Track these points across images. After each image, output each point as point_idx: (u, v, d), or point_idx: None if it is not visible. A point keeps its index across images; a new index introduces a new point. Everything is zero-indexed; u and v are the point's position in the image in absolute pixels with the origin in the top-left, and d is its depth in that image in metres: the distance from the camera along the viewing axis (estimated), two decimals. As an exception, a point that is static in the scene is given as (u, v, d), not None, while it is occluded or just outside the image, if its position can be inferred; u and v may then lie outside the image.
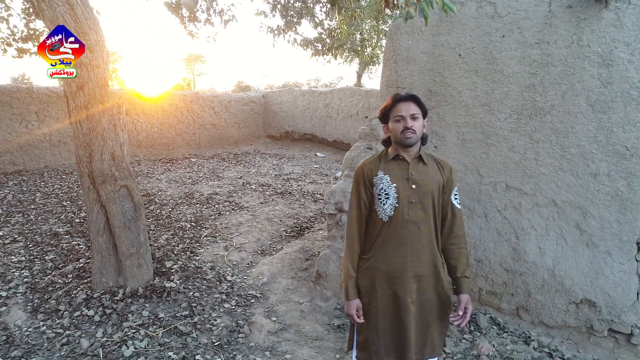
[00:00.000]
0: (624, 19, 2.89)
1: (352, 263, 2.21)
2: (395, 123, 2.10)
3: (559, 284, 3.38)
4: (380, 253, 2.15)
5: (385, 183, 2.11)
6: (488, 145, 3.62)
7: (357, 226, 2.21)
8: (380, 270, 2.15)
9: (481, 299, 3.85)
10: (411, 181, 2.10)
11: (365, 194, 2.18)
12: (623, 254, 3.09)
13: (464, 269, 2.19)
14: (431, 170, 2.14)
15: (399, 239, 2.11)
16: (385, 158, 2.18)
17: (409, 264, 2.11)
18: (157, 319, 3.43)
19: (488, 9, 3.49)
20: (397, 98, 2.13)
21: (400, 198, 2.09)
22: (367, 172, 2.18)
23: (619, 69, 2.94)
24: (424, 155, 2.15)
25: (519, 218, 3.53)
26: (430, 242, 2.14)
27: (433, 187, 2.11)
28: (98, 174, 3.71)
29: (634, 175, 2.97)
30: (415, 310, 2.14)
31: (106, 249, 3.82)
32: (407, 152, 2.14)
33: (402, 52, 4.06)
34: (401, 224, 2.10)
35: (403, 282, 2.11)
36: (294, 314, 3.60)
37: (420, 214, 2.10)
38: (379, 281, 2.15)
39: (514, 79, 3.41)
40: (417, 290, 2.14)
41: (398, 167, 2.13)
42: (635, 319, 3.09)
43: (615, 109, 2.98)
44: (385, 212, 2.11)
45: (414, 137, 2.07)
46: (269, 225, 5.68)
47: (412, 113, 2.08)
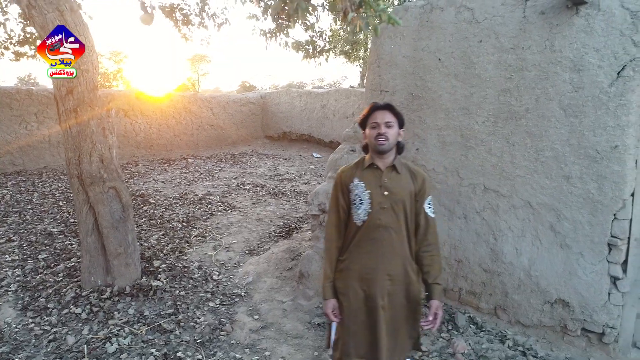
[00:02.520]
0: (593, 25, 2.96)
1: (330, 265, 2.32)
2: (371, 130, 2.21)
3: (534, 284, 3.46)
4: (355, 255, 2.26)
5: (360, 189, 2.22)
6: (467, 148, 3.69)
7: (335, 230, 2.33)
8: (354, 272, 2.25)
9: (461, 298, 3.93)
10: (384, 188, 2.20)
11: (343, 200, 2.30)
12: (595, 255, 3.16)
13: (436, 275, 2.27)
14: (404, 179, 2.24)
15: (372, 242, 2.22)
16: (362, 166, 2.29)
17: (381, 267, 2.21)
18: (142, 316, 3.52)
19: (466, 14, 3.57)
20: (374, 106, 2.25)
21: (373, 204, 2.19)
22: (345, 179, 2.30)
23: (589, 74, 3.01)
24: (397, 165, 2.25)
25: (497, 219, 3.60)
26: (402, 246, 2.24)
27: (404, 195, 2.22)
28: (87, 176, 3.80)
29: (604, 178, 3.03)
30: (386, 314, 2.23)
31: (95, 248, 3.92)
32: (382, 161, 2.24)
33: (385, 56, 4.14)
34: (374, 228, 2.21)
35: (375, 284, 2.21)
36: (276, 313, 3.68)
37: (392, 219, 2.20)
38: (352, 282, 2.25)
39: (491, 83, 3.49)
40: (388, 293, 2.23)
41: (372, 175, 2.24)
42: (606, 318, 3.16)
43: (586, 113, 3.05)
44: (360, 216, 2.22)
45: (386, 144, 2.17)
46: (258, 225, 5.77)
47: (387, 121, 2.18)
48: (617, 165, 2.97)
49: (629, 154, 2.94)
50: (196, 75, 44.12)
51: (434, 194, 3.95)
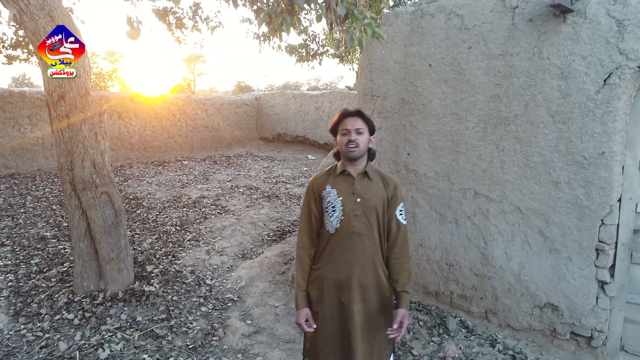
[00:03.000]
0: (580, 33, 2.99)
1: (302, 273, 2.30)
2: (342, 136, 2.21)
3: (524, 288, 3.49)
4: (328, 263, 2.25)
5: (333, 197, 2.21)
6: (457, 153, 3.73)
7: (307, 237, 2.31)
8: (328, 280, 2.24)
9: (452, 302, 3.96)
10: (356, 195, 2.20)
11: (315, 207, 2.28)
12: (583, 260, 3.19)
13: (404, 283, 2.27)
14: (376, 186, 2.24)
15: (345, 249, 2.21)
16: (333, 173, 2.28)
17: (355, 274, 2.20)
18: (135, 322, 3.53)
19: (456, 21, 3.60)
20: (344, 113, 2.24)
21: (345, 211, 2.19)
22: (317, 187, 2.28)
23: (576, 81, 3.04)
24: (369, 171, 2.25)
25: (487, 224, 3.64)
26: (374, 253, 2.24)
27: (377, 202, 2.21)
28: (79, 181, 3.81)
29: (591, 183, 3.07)
30: (361, 320, 2.23)
31: (87, 253, 3.93)
32: (354, 168, 2.24)
33: (377, 62, 4.17)
34: (347, 236, 2.20)
35: (349, 291, 2.21)
36: (268, 317, 3.70)
37: (365, 226, 2.20)
38: (326, 290, 2.24)
39: (480, 89, 3.52)
40: (362, 300, 2.23)
41: (344, 182, 2.23)
42: (594, 322, 3.20)
43: (573, 119, 3.09)
44: (332, 224, 2.21)
45: (357, 151, 2.17)
46: (252, 229, 5.78)
47: (357, 127, 2.17)
48: (604, 172, 3.01)
49: (615, 160, 2.98)
50: (192, 76, 44.01)
51: (426, 198, 3.99)
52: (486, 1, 3.42)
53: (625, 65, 2.85)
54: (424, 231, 4.05)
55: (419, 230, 4.08)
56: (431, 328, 3.66)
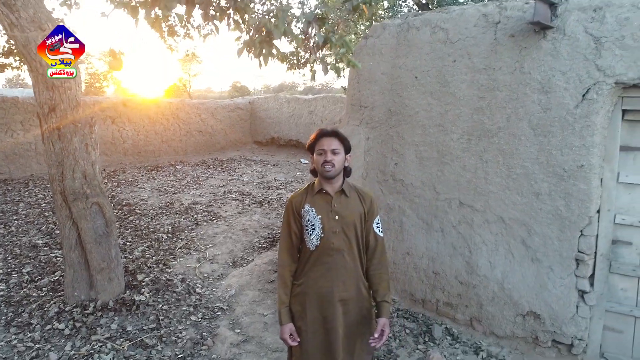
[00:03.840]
0: (560, 49, 3.07)
1: (284, 290, 2.36)
2: (318, 156, 2.27)
3: (507, 296, 3.56)
4: (310, 279, 2.32)
5: (312, 215, 2.28)
6: (443, 163, 3.80)
7: (288, 255, 2.38)
8: (310, 295, 2.31)
9: (438, 309, 4.03)
10: (334, 213, 2.28)
11: (295, 225, 2.34)
12: (563, 269, 3.27)
13: (384, 293, 2.34)
14: (352, 202, 2.32)
15: (326, 265, 2.29)
16: (311, 191, 2.35)
17: (335, 289, 2.28)
18: (125, 332, 3.58)
19: (441, 34, 3.67)
20: (321, 133, 2.31)
21: (325, 229, 2.26)
22: (296, 205, 2.35)
23: (556, 95, 3.12)
24: (346, 189, 2.32)
25: (472, 233, 3.71)
26: (354, 268, 2.33)
27: (355, 218, 2.30)
28: (70, 192, 3.85)
29: (571, 195, 3.15)
30: (342, 333, 2.31)
31: (78, 263, 3.97)
32: (331, 186, 2.31)
33: (365, 73, 4.24)
34: (327, 252, 2.28)
35: (330, 306, 2.29)
36: (257, 326, 3.76)
37: (344, 242, 2.28)
38: (308, 305, 2.31)
39: (464, 101, 3.59)
40: (344, 313, 2.31)
41: (322, 200, 2.30)
42: (575, 330, 3.28)
43: (554, 133, 3.17)
44: (312, 241, 2.29)
45: (333, 171, 2.23)
46: (243, 236, 5.83)
47: (333, 148, 2.24)
48: (583, 184, 3.09)
49: (594, 173, 3.06)
50: (187, 76, 43.86)
51: (413, 208, 4.05)
52: (470, 16, 3.50)
53: (602, 81, 2.93)
54: (411, 240, 4.12)
55: (406, 239, 4.15)
56: (417, 336, 3.73)
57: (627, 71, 2.84)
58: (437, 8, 15.50)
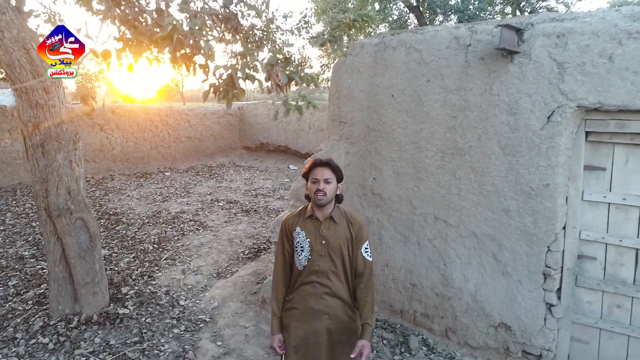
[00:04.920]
0: (526, 73, 3.20)
1: (277, 303, 2.58)
2: (312, 184, 2.46)
3: (480, 308, 3.69)
4: (298, 296, 2.51)
5: (302, 238, 2.48)
6: (419, 179, 3.92)
7: (282, 271, 2.58)
8: (297, 311, 2.50)
9: (416, 320, 4.15)
10: (322, 237, 2.46)
11: (287, 244, 2.55)
12: (532, 283, 3.40)
13: (367, 316, 2.48)
14: (340, 228, 2.49)
15: (312, 285, 2.48)
16: (303, 215, 2.54)
17: (321, 308, 2.45)
18: (108, 345, 3.66)
19: (415, 55, 3.79)
20: (315, 163, 2.50)
21: (312, 251, 2.45)
22: (289, 227, 2.55)
23: (523, 117, 3.25)
24: (335, 216, 2.50)
25: (446, 247, 3.83)
26: (340, 289, 2.49)
27: (341, 243, 2.47)
28: (54, 208, 3.93)
29: (538, 213, 3.28)
30: (327, 348, 2.47)
31: (63, 277, 4.04)
32: (321, 212, 2.49)
33: (344, 90, 4.35)
34: (313, 273, 2.47)
35: (315, 323, 2.46)
36: (238, 338, 3.85)
37: (329, 265, 2.46)
38: (295, 321, 2.50)
39: (438, 120, 3.71)
40: (328, 331, 2.47)
41: (312, 225, 2.49)
42: (543, 341, 3.41)
43: (521, 152, 3.30)
44: (301, 262, 2.48)
45: (324, 199, 2.41)
46: (228, 246, 5.92)
47: (326, 178, 2.43)
48: (549, 202, 3.22)
49: (559, 192, 3.19)
50: (180, 76, 43.65)
51: (391, 221, 4.17)
52: (442, 38, 3.62)
53: (565, 104, 3.06)
54: (389, 252, 4.23)
55: (384, 251, 4.27)
56: (394, 346, 3.84)
57: (588, 96, 2.97)
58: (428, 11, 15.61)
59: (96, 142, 10.77)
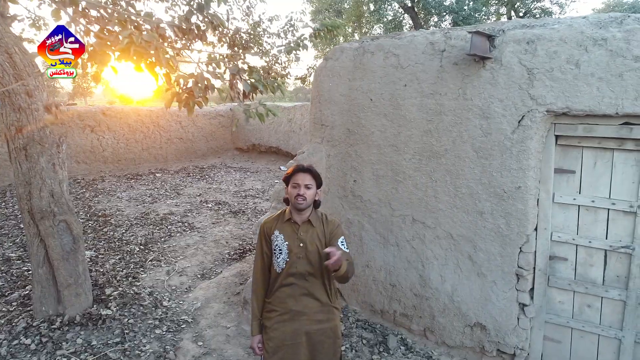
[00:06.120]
0: (497, 78, 3.27)
1: (257, 305, 2.66)
2: (292, 188, 2.54)
3: (456, 308, 3.76)
4: (277, 298, 2.59)
5: (280, 241, 2.55)
6: (397, 182, 3.99)
7: (261, 274, 2.66)
8: (276, 313, 2.57)
9: (395, 320, 4.22)
10: (299, 240, 2.53)
11: (266, 247, 2.63)
12: (505, 284, 3.47)
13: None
14: (318, 231, 2.58)
15: (290, 287, 2.55)
16: (282, 219, 2.62)
17: (300, 309, 2.53)
18: (90, 346, 3.70)
19: (393, 59, 3.86)
20: (297, 168, 2.58)
21: (290, 254, 2.52)
22: (267, 230, 2.63)
23: (495, 121, 3.32)
24: (313, 219, 2.58)
25: (424, 248, 3.90)
26: (318, 290, 2.57)
27: (318, 246, 2.54)
28: (37, 211, 3.97)
29: (510, 215, 3.35)
30: (306, 350, 2.54)
31: (46, 279, 4.08)
32: (300, 216, 2.57)
33: (325, 93, 4.41)
34: (291, 275, 2.54)
35: (294, 324, 2.53)
36: (219, 339, 3.91)
37: (307, 267, 2.53)
38: (274, 322, 2.57)
39: (415, 124, 3.78)
40: (306, 332, 2.54)
41: (290, 229, 2.57)
42: (516, 341, 3.48)
43: (494, 156, 3.37)
44: (279, 265, 2.55)
45: (304, 204, 2.50)
46: (214, 247, 5.97)
47: (307, 183, 2.52)
48: (521, 204, 3.30)
49: (530, 194, 3.26)
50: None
51: (371, 223, 4.23)
52: (419, 43, 3.69)
53: (535, 109, 3.13)
54: (370, 253, 4.30)
55: (365, 252, 4.33)
56: (373, 346, 3.90)
57: (556, 101, 3.05)
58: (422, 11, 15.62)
59: (87, 144, 10.79)
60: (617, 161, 3.07)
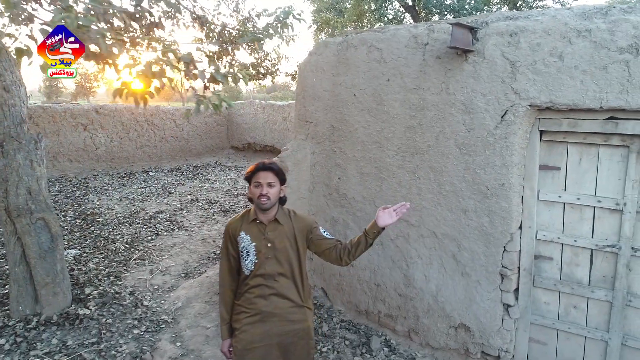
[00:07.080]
0: (480, 72, 3.18)
1: (225, 308, 2.56)
2: (255, 188, 2.41)
3: (441, 309, 3.67)
4: (246, 300, 2.48)
5: (247, 242, 2.43)
6: (381, 179, 3.89)
7: (228, 275, 2.55)
8: (246, 315, 2.47)
9: (380, 320, 4.13)
10: (267, 240, 2.42)
11: (232, 249, 2.51)
12: (490, 284, 3.38)
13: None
14: (286, 229, 2.47)
15: (260, 288, 2.45)
16: (247, 219, 2.49)
17: (270, 309, 2.43)
18: (65, 346, 3.62)
19: (376, 54, 3.77)
20: (258, 167, 2.45)
21: (259, 255, 2.42)
22: (232, 231, 2.50)
23: (478, 116, 3.23)
24: (280, 217, 2.47)
25: (408, 247, 3.81)
26: (289, 291, 2.47)
27: (287, 245, 2.45)
28: (13, 208, 3.88)
29: (494, 213, 3.26)
30: (277, 352, 2.45)
31: (23, 278, 4.00)
32: (265, 215, 2.45)
33: (309, 89, 4.33)
34: (261, 276, 2.44)
35: (264, 326, 2.43)
36: (198, 339, 3.82)
37: (277, 267, 2.43)
38: (243, 324, 2.46)
39: (398, 120, 3.69)
40: (279, 334, 2.45)
41: (257, 229, 2.45)
42: (501, 342, 3.38)
43: (477, 152, 3.27)
44: (247, 267, 2.45)
45: (268, 203, 2.38)
46: (201, 246, 5.89)
47: (269, 181, 2.39)
48: (505, 202, 3.20)
49: (514, 192, 3.17)
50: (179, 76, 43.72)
51: (355, 221, 4.14)
52: (401, 37, 3.60)
53: (518, 103, 3.04)
54: (355, 252, 4.20)
55: (350, 252, 4.23)
56: (355, 347, 3.81)
57: (539, 95, 2.95)
58: (423, 10, 15.50)
59: (79, 142, 10.72)
60: (602, 157, 2.97)
